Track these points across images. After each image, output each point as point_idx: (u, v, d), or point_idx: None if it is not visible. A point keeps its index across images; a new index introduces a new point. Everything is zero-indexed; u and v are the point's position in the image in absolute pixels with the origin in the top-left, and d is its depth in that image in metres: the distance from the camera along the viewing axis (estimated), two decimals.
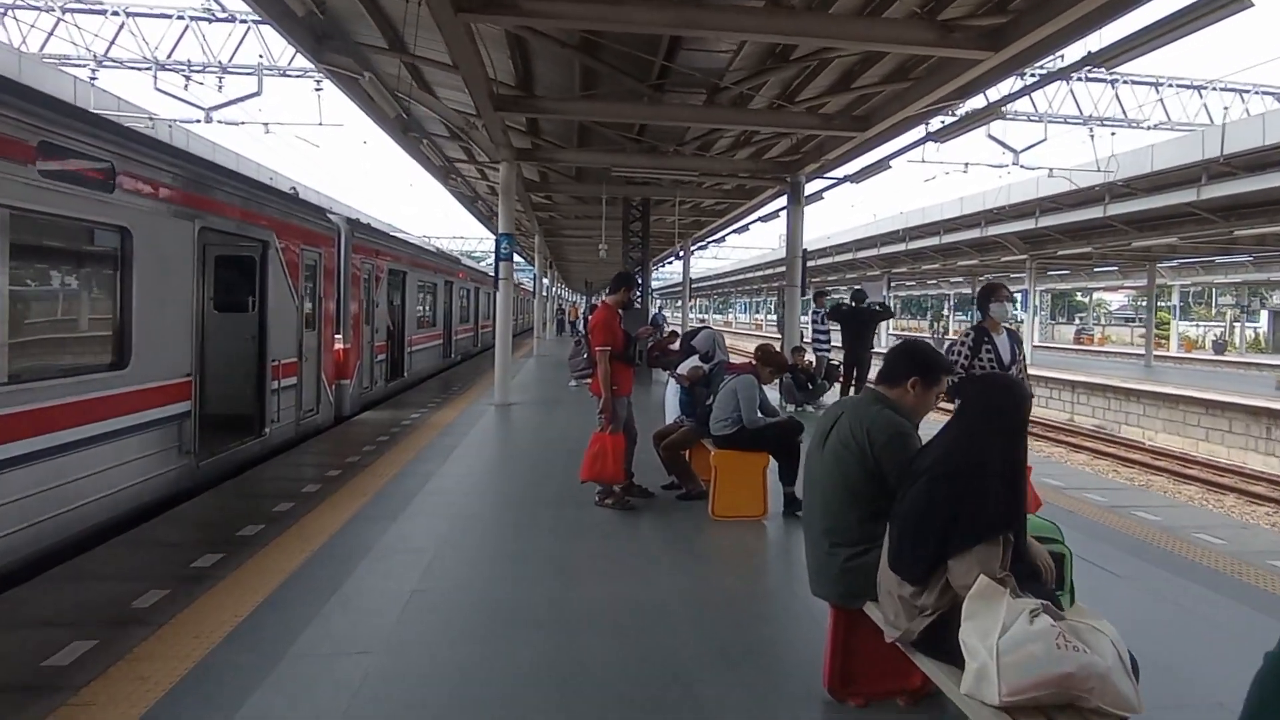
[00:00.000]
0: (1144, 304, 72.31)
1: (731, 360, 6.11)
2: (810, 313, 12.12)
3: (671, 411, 6.73)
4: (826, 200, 18.68)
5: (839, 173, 12.92)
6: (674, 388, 6.74)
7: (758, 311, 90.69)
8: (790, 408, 11.85)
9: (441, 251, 20.77)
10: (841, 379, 11.44)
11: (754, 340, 46.58)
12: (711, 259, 61.04)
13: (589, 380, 5.88)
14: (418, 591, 4.06)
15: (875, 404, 2.80)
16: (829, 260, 40.27)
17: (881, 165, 10.96)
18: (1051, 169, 16.79)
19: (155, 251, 5.69)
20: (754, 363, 5.75)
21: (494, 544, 4.91)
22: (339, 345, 10.70)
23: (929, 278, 43.40)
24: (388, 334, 13.06)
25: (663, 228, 21.03)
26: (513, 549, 4.82)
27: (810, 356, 12.51)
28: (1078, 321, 65.05)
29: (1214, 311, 60.40)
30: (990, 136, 16.48)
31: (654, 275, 52.28)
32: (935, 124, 14.71)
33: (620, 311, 5.93)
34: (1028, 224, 22.80)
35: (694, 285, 39.19)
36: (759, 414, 5.55)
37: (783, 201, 15.92)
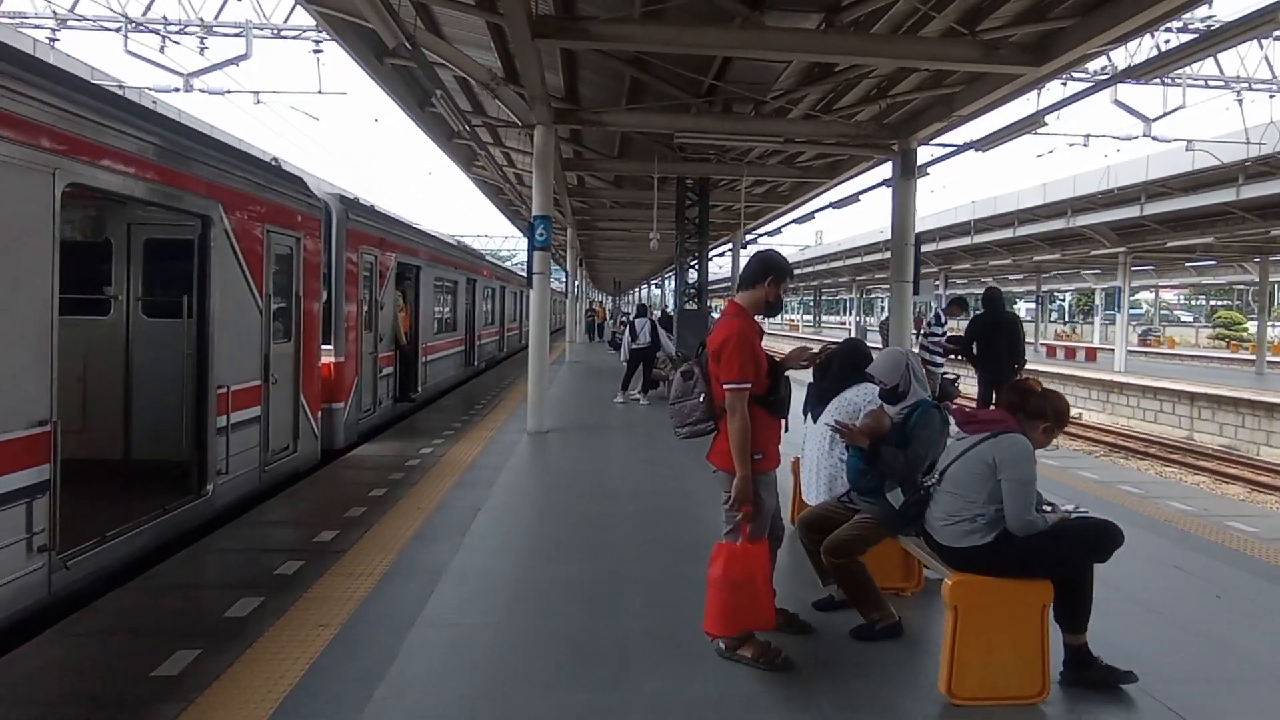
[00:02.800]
0: (1197, 302, 68.00)
1: (965, 406, 3.54)
2: (930, 316, 9.50)
3: (819, 480, 4.23)
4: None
5: (950, 139, 10.31)
6: (822, 437, 4.24)
7: (790, 311, 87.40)
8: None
9: (463, 245, 18.44)
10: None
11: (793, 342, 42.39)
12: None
13: (705, 434, 3.35)
14: None
15: None
16: (878, 256, 37.39)
17: (1031, 120, 8.31)
18: (1190, 141, 13.96)
19: None
20: (1011, 410, 3.18)
21: None
22: (328, 359, 8.32)
23: (985, 275, 40.25)
24: (395, 342, 10.66)
25: (711, 216, 18.44)
26: None
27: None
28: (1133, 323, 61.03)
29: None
30: (1116, 102, 13.72)
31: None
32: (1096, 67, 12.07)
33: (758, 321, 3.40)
34: (1129, 212, 19.86)
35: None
36: (1036, 511, 3.00)
37: (865, 180, 13.35)
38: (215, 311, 5.53)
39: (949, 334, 9.79)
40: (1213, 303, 68.37)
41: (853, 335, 9.71)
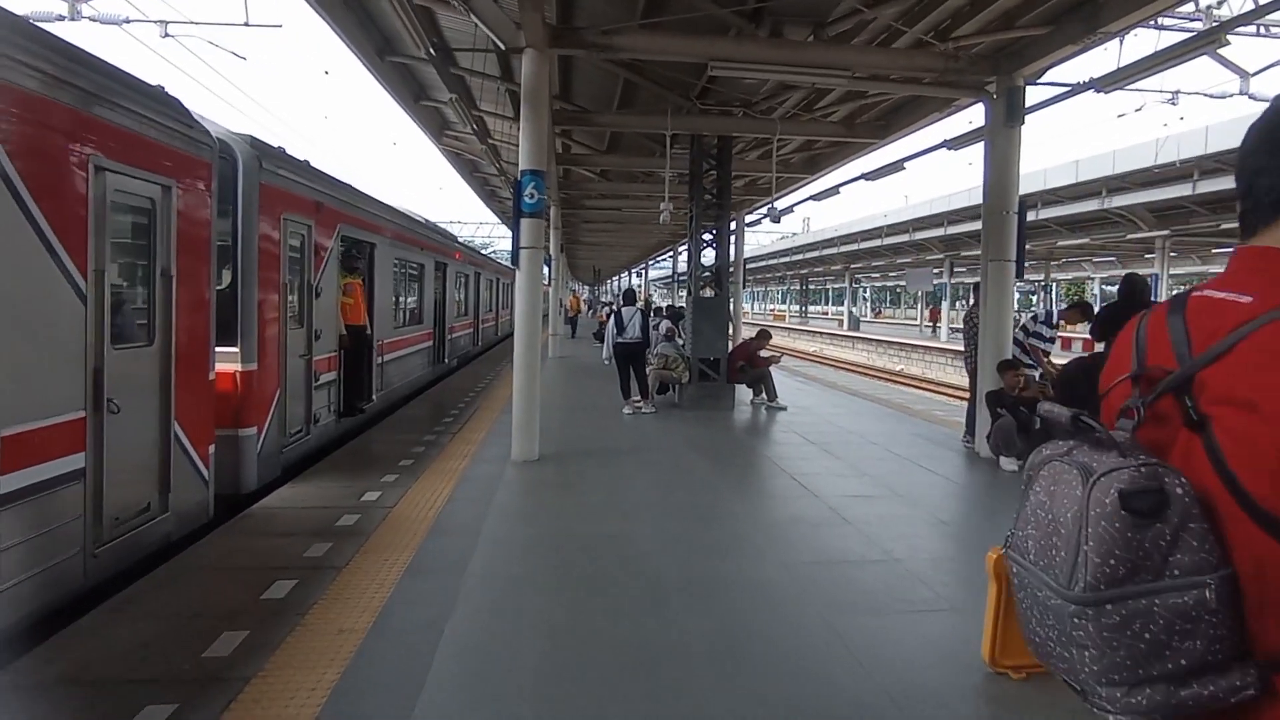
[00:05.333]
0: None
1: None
2: (1038, 311, 7.28)
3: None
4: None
5: (1055, 76, 8.06)
6: None
7: (767, 300, 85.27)
8: (1013, 465, 7.09)
9: (431, 224, 15.92)
10: None
11: (797, 337, 39.93)
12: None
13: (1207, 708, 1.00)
14: None
15: None
16: (874, 243, 35.39)
17: (1210, 36, 6.10)
18: None
19: None
20: None
21: None
22: (230, 367, 5.86)
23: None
24: (339, 341, 8.19)
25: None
26: None
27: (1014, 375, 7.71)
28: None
29: None
30: (1214, 55, 11.60)
31: (657, 261, 45.60)
32: None
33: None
34: (1179, 190, 17.90)
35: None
36: None
37: (913, 144, 11.12)
38: None
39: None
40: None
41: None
